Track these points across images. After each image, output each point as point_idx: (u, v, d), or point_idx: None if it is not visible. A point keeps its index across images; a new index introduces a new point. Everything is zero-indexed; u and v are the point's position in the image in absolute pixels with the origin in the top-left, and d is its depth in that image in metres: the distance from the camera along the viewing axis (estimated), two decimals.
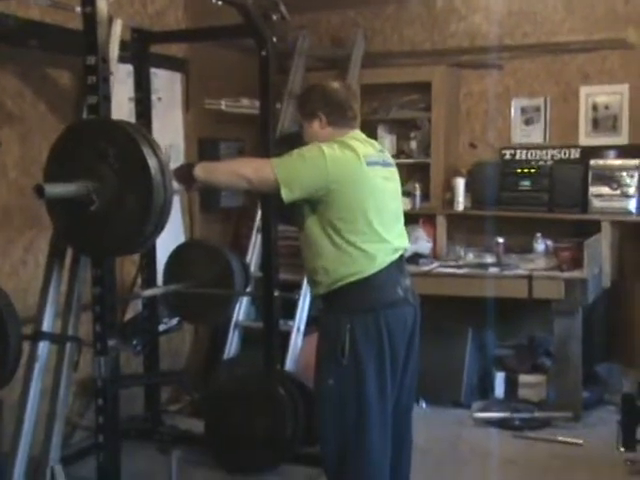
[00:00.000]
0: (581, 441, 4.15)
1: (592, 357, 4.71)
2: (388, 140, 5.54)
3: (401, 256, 2.93)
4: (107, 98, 2.69)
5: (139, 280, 4.27)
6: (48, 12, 3.81)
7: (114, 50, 2.99)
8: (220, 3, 3.36)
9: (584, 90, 5.08)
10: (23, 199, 3.79)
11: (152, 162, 2.43)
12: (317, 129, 2.94)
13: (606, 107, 5.01)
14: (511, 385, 4.86)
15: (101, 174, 2.46)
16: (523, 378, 4.82)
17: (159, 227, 2.49)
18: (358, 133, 2.99)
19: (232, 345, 4.80)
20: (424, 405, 4.77)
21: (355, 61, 5.38)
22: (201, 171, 2.85)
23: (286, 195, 2.73)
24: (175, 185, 2.82)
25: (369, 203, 2.80)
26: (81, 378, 3.60)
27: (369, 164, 2.83)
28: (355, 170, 2.78)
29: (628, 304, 4.98)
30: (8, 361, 2.65)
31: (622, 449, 3.69)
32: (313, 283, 2.93)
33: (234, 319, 4.79)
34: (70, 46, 3.74)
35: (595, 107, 5.05)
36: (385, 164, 2.96)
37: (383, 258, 2.83)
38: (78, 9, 3.61)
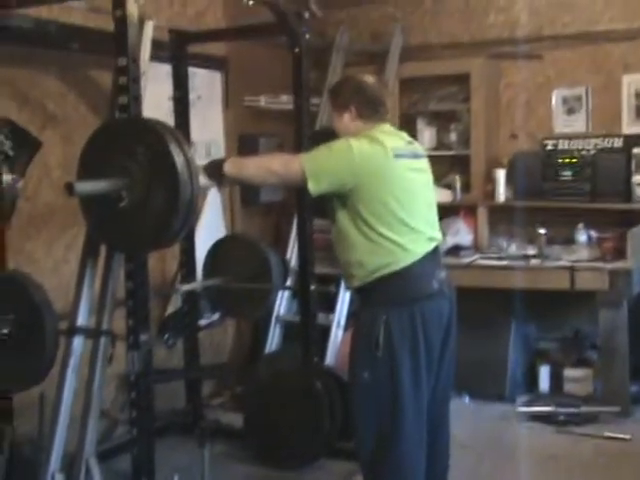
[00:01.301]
0: (629, 436, 4.09)
1: (639, 350, 4.63)
2: (428, 133, 5.53)
3: (436, 247, 2.93)
4: (137, 98, 2.75)
5: (179, 276, 4.33)
6: (89, 16, 3.90)
7: (146, 51, 3.05)
8: (251, 3, 3.39)
9: (626, 79, 5.00)
10: (66, 198, 3.86)
11: (179, 159, 2.47)
12: (347, 121, 2.96)
13: None
14: (556, 379, 4.82)
15: (130, 171, 2.52)
16: (568, 372, 4.78)
17: (187, 223, 2.54)
18: (387, 126, 2.99)
19: (274, 339, 4.85)
20: (467, 399, 4.75)
21: (393, 55, 5.38)
22: (230, 167, 2.90)
23: (313, 187, 2.76)
24: (206, 181, 2.88)
25: (397, 195, 2.81)
26: (114, 373, 3.67)
27: (397, 156, 2.83)
28: (382, 163, 2.80)
29: None
30: (45, 355, 2.72)
31: None
32: (348, 276, 2.95)
33: (275, 313, 4.84)
34: (109, 48, 3.83)
35: (638, 95, 4.96)
36: (415, 156, 2.96)
37: (417, 249, 2.83)
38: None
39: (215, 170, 2.92)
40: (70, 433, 2.90)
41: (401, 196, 2.82)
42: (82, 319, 2.86)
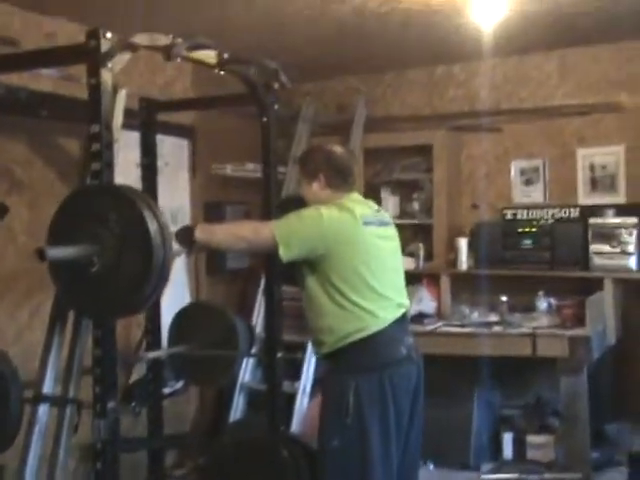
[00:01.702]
0: None
1: (600, 416, 4.68)
2: (391, 202, 5.63)
3: (404, 314, 2.97)
4: (110, 165, 2.76)
5: (144, 343, 4.30)
6: (58, 83, 3.95)
7: (118, 118, 3.08)
8: (222, 73, 3.46)
9: (581, 152, 5.18)
10: (30, 264, 3.84)
11: (152, 226, 2.48)
12: (316, 190, 3.03)
13: (603, 167, 5.10)
14: (519, 446, 4.84)
15: (102, 237, 2.52)
16: (531, 438, 4.80)
17: (158, 289, 2.54)
18: (355, 195, 3.06)
19: (238, 407, 4.81)
20: (432, 467, 4.74)
21: (358, 126, 5.51)
22: (201, 233, 2.93)
23: (284, 254, 2.80)
24: (177, 247, 2.91)
25: (366, 262, 2.86)
26: (84, 443, 3.61)
27: (366, 224, 2.90)
28: (352, 230, 2.85)
29: (634, 361, 4.97)
30: (10, 424, 2.68)
31: None
32: (318, 342, 2.98)
33: (239, 381, 4.81)
34: (78, 115, 3.87)
35: (592, 167, 5.14)
36: (382, 223, 3.03)
37: (386, 316, 2.87)
38: (84, 80, 3.81)
39: (186, 236, 2.95)
40: None
41: (370, 263, 2.87)
42: (48, 387, 2.82)
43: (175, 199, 4.89)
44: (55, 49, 3.15)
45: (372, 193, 5.54)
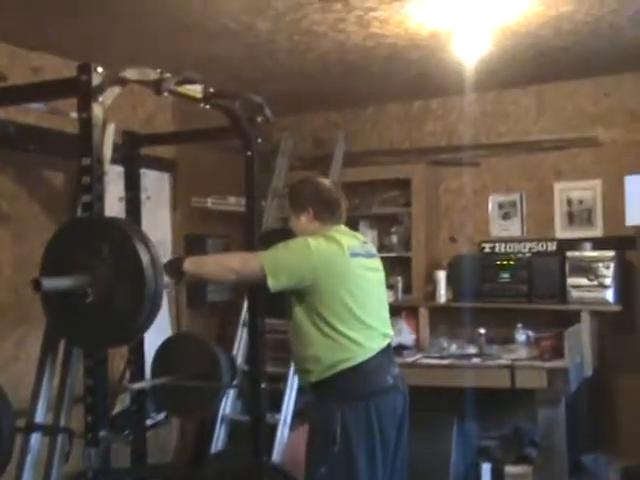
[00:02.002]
0: None
1: (577, 447, 4.73)
2: (370, 235, 5.68)
3: (389, 344, 3.03)
4: (100, 197, 2.81)
5: (127, 374, 4.31)
6: (45, 118, 3.99)
7: (107, 152, 3.12)
8: (208, 107, 3.52)
9: (558, 186, 5.29)
10: (16, 296, 3.89)
11: (144, 257, 2.53)
12: (304, 222, 3.09)
13: (580, 201, 5.21)
14: (498, 476, 4.86)
15: (95, 268, 2.56)
16: (509, 469, 4.82)
17: (150, 319, 2.57)
18: (342, 227, 3.13)
19: (219, 439, 4.81)
20: None
21: (337, 160, 5.58)
22: (190, 265, 2.97)
23: (272, 284, 2.85)
24: (165, 279, 2.94)
25: (353, 292, 2.91)
26: (70, 472, 3.61)
27: (353, 255, 2.96)
28: (339, 261, 2.91)
29: (610, 392, 5.05)
30: (2, 453, 2.69)
31: None
32: (304, 372, 3.01)
33: (221, 413, 4.82)
34: (65, 149, 3.91)
35: (569, 201, 5.25)
36: (369, 255, 3.09)
37: (372, 345, 2.92)
38: (72, 114, 3.84)
39: (174, 268, 2.99)
40: None
41: (357, 293, 2.92)
42: (40, 416, 2.84)
43: (157, 232, 4.91)
44: (46, 83, 3.20)
45: (351, 227, 5.58)
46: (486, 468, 4.91)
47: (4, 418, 2.69)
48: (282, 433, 4.60)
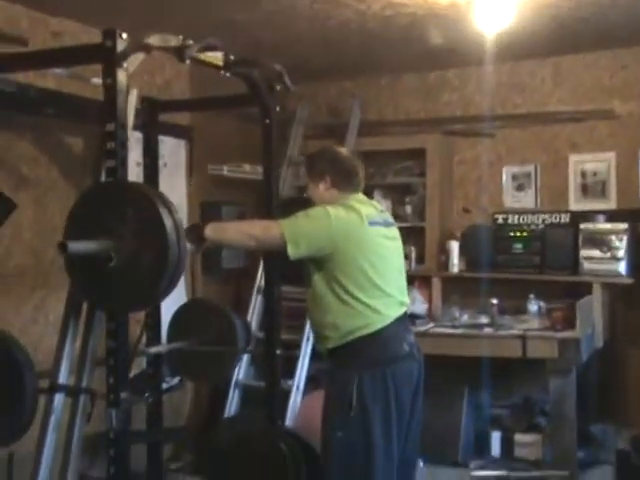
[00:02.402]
0: None
1: (586, 416, 4.79)
2: (384, 205, 5.68)
3: (405, 312, 3.06)
4: (124, 162, 2.83)
5: (144, 338, 4.36)
6: (64, 82, 4.01)
7: (130, 117, 3.14)
8: (228, 74, 3.53)
9: (573, 158, 5.29)
10: (35, 260, 3.94)
11: (168, 222, 2.57)
12: (322, 190, 3.11)
13: (594, 174, 5.21)
14: (507, 444, 4.93)
15: (119, 232, 2.59)
16: (519, 437, 4.90)
17: (173, 283, 2.61)
18: (361, 195, 3.15)
19: (232, 404, 4.88)
20: (422, 464, 4.83)
21: (352, 129, 5.58)
22: (211, 231, 3.00)
23: (292, 252, 2.88)
24: (187, 244, 2.97)
25: (372, 260, 2.94)
26: (91, 433, 3.67)
27: (371, 224, 2.98)
28: (358, 229, 2.94)
29: (620, 363, 5.08)
30: (25, 413, 2.74)
31: None
32: (322, 338, 3.05)
33: (234, 378, 4.88)
34: (85, 114, 3.94)
35: (584, 174, 5.25)
36: (387, 224, 3.12)
37: (389, 312, 2.96)
38: (93, 80, 3.86)
39: (196, 234, 3.02)
40: None
41: (375, 261, 2.95)
42: (63, 377, 2.89)
43: (173, 199, 4.76)
44: (70, 48, 3.22)
45: (365, 196, 5.64)
46: (496, 436, 4.98)
47: (28, 378, 2.74)
48: (295, 399, 4.66)
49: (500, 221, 5.45)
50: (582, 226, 5.00)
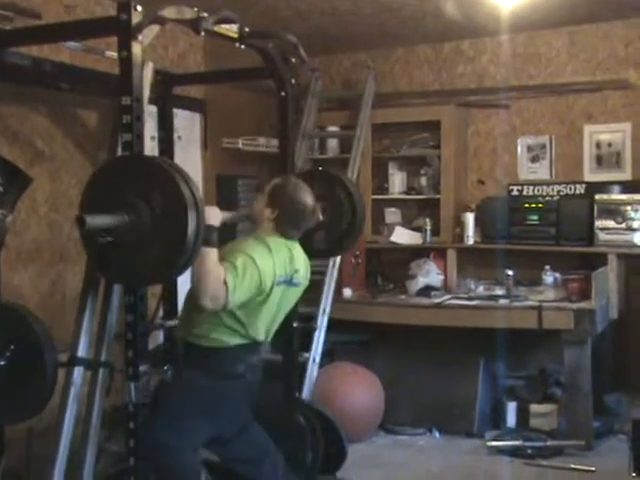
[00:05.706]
0: (594, 468, 4.21)
1: (601, 387, 4.79)
2: (399, 177, 5.72)
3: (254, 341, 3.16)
4: (140, 136, 2.83)
5: (160, 312, 4.39)
6: (78, 56, 4.00)
7: (146, 91, 3.14)
8: (243, 47, 3.51)
9: (588, 128, 5.26)
10: (52, 234, 3.95)
11: (187, 195, 2.57)
12: (265, 214, 3.18)
13: (609, 145, 5.18)
14: (523, 415, 4.95)
15: (137, 206, 2.59)
16: (534, 408, 4.91)
17: (192, 258, 2.62)
18: (291, 243, 3.20)
19: None
20: (437, 435, 4.86)
21: (366, 101, 5.56)
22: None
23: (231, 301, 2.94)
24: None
25: (257, 312, 3.07)
26: (110, 406, 3.71)
27: (278, 284, 3.08)
28: (268, 286, 3.03)
29: (635, 334, 5.07)
30: (45, 387, 2.77)
31: (634, 474, 3.75)
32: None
33: None
34: (99, 88, 3.94)
35: (599, 145, 5.22)
36: (291, 285, 3.19)
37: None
38: (108, 53, 3.85)
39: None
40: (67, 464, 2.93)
41: (259, 314, 3.09)
42: (82, 351, 2.91)
43: (188, 172, 4.93)
44: (85, 21, 3.21)
45: (379, 168, 5.67)
46: (512, 406, 4.99)
47: (48, 352, 2.76)
48: (311, 371, 4.66)
49: (515, 192, 5.43)
50: (597, 197, 4.98)
